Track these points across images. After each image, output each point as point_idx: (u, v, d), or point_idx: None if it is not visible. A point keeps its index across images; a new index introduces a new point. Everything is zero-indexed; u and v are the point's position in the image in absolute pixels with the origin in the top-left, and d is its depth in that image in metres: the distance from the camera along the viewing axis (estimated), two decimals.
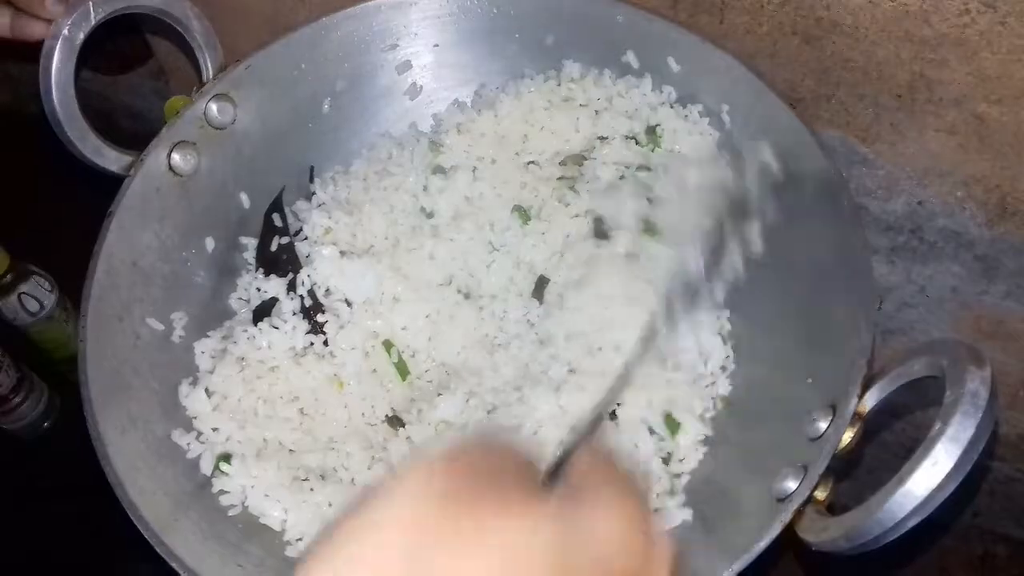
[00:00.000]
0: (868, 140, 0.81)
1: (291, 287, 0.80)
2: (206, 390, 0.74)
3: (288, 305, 0.79)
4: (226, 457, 0.71)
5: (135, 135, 0.80)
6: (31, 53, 0.73)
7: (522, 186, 0.82)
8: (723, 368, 0.74)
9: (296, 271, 0.80)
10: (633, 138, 0.81)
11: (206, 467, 0.71)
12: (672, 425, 0.71)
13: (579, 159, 0.82)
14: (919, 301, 0.89)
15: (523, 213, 0.81)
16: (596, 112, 0.83)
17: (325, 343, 0.77)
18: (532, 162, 0.83)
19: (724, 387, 0.74)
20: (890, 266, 0.88)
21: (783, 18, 0.77)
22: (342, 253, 0.79)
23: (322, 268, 0.79)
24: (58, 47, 0.71)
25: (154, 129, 0.79)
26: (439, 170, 0.83)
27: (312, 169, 0.87)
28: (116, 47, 1.13)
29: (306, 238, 0.82)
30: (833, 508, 0.59)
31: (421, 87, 0.88)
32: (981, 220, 0.81)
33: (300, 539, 0.70)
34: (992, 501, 0.95)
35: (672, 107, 0.82)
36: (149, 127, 0.80)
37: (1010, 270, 0.83)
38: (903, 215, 0.85)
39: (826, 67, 0.78)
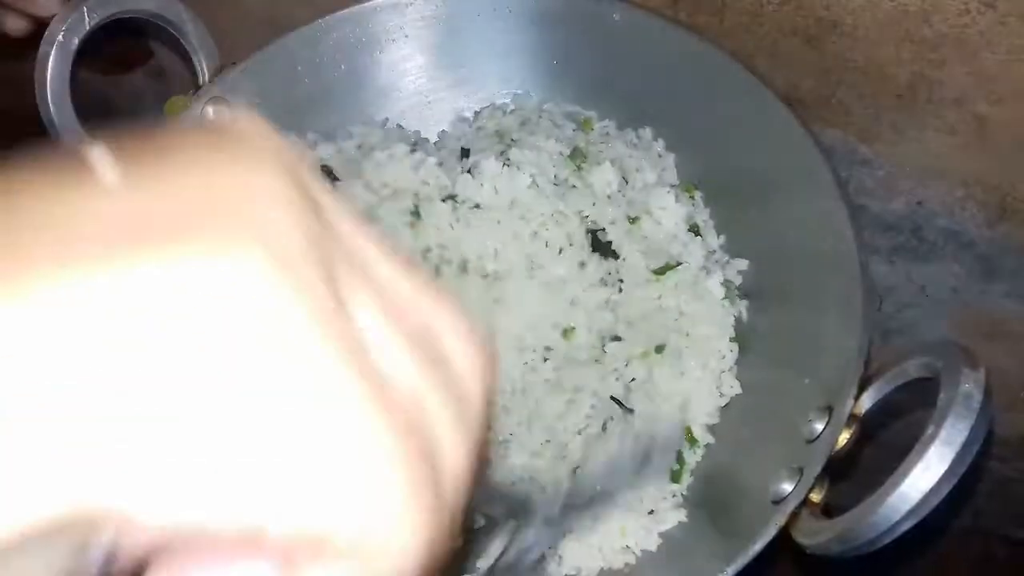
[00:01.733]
0: (868, 140, 0.81)
1: None
2: None
3: None
4: None
5: None
6: (33, 54, 0.73)
7: None
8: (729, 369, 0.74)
9: None
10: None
11: None
12: (691, 439, 0.71)
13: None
14: (919, 301, 0.89)
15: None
16: None
17: None
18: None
19: (728, 388, 0.73)
20: (890, 266, 0.88)
21: (783, 18, 0.77)
22: None
23: None
24: (52, 54, 0.71)
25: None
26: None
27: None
28: (116, 48, 1.12)
29: None
30: (831, 509, 0.59)
31: (418, 88, 0.87)
32: (981, 220, 0.81)
33: None
34: (991, 502, 0.95)
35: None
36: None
37: (1010, 270, 0.83)
38: (903, 215, 0.84)
39: (826, 67, 0.78)
